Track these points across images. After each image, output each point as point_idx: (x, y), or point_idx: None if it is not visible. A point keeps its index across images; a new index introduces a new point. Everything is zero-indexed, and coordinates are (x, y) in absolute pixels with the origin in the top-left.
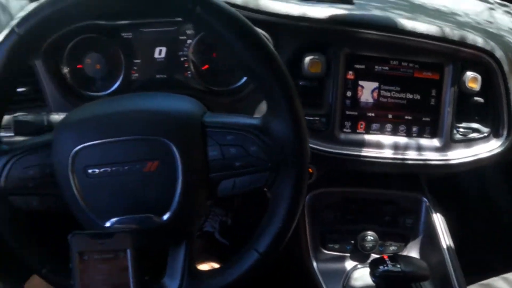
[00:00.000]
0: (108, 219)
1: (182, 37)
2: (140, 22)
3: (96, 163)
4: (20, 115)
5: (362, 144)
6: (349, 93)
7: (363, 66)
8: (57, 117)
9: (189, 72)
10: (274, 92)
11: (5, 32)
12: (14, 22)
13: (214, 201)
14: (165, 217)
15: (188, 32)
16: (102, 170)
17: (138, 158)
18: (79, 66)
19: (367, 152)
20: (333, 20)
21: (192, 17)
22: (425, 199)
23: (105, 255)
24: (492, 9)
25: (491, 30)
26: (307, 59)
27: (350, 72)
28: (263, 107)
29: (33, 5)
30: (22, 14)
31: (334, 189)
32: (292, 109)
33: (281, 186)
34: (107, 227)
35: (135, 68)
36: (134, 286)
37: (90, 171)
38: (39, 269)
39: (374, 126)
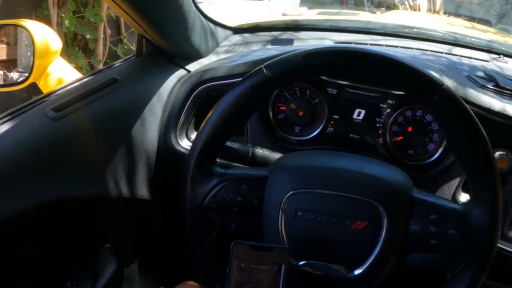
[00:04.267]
0: (301, 259)
1: (383, 105)
2: (346, 83)
3: (308, 209)
4: None
5: None
6: None
7: None
8: (261, 152)
9: (381, 139)
10: (482, 183)
11: (213, 62)
12: (221, 55)
13: None
14: (356, 272)
15: (390, 102)
16: (312, 216)
17: (350, 214)
18: (282, 107)
19: None
20: None
21: (428, 102)
22: None
23: (260, 266)
24: None
25: None
26: (497, 154)
27: None
28: (445, 189)
29: (237, 38)
30: (227, 47)
31: (485, 281)
32: (495, 203)
33: (465, 270)
34: (269, 245)
35: (332, 122)
36: None
37: (300, 214)
38: (211, 284)
39: None
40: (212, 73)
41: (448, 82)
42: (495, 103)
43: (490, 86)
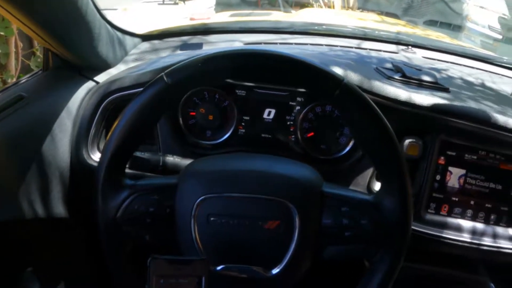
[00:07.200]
0: (219, 264)
1: (292, 103)
2: (255, 84)
3: (219, 213)
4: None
5: (444, 226)
6: (438, 177)
7: (454, 153)
8: (171, 159)
9: (293, 136)
10: (390, 172)
11: (122, 71)
12: (130, 63)
13: None
14: (274, 272)
15: (299, 99)
16: (224, 220)
17: (261, 215)
18: (192, 113)
19: (448, 234)
20: (434, 109)
21: (330, 98)
22: (492, 285)
23: (180, 280)
24: None
25: None
26: (407, 141)
27: (442, 158)
28: (359, 180)
29: (145, 45)
30: (135, 55)
31: (405, 263)
32: (403, 190)
33: (382, 258)
34: (187, 258)
35: (243, 124)
36: None
37: (212, 219)
38: None
39: (456, 210)
40: (119, 83)
41: (353, 77)
42: (401, 93)
43: (397, 77)
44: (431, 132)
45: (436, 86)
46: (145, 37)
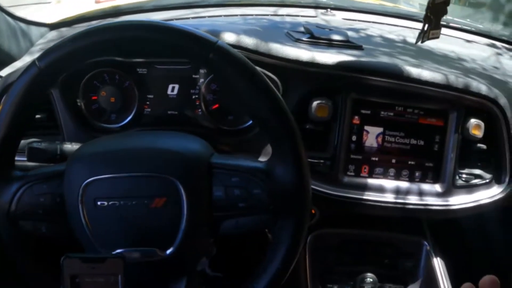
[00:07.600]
0: (113, 249)
1: (195, 76)
2: (155, 60)
3: (106, 196)
4: (34, 141)
5: (365, 187)
6: (354, 138)
7: (369, 112)
8: (70, 147)
9: (199, 110)
10: (279, 138)
11: (26, 63)
12: (35, 54)
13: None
14: (168, 251)
15: (201, 71)
16: (110, 203)
17: (146, 194)
18: (94, 97)
19: (370, 196)
20: (341, 67)
21: (205, 62)
22: (425, 243)
23: (96, 279)
24: (499, 54)
25: (496, 76)
26: (315, 103)
27: (356, 117)
28: (269, 149)
29: (53, 33)
30: (42, 45)
31: (335, 230)
32: (296, 155)
33: (282, 228)
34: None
35: (148, 103)
36: None
37: (99, 203)
38: None
39: (378, 170)
40: (16, 74)
41: (248, 41)
42: (303, 53)
43: (304, 39)
44: (340, 91)
45: (346, 45)
46: (53, 26)
